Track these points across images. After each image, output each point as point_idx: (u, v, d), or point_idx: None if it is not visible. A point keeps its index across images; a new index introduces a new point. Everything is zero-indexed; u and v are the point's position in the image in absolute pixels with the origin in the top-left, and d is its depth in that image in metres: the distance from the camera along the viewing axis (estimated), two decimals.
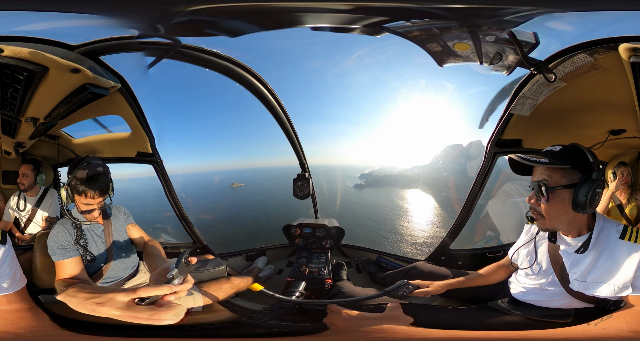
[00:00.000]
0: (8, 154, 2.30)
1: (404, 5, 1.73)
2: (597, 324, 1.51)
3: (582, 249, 1.50)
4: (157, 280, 1.41)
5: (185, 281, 1.26)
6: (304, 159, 2.63)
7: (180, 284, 1.24)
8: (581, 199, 1.43)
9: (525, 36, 1.82)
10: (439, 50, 1.96)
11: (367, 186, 2.95)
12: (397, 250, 2.54)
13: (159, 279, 1.39)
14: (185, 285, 1.25)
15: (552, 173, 1.46)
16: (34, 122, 2.04)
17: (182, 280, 1.26)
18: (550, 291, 1.63)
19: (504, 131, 2.17)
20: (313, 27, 1.91)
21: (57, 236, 1.77)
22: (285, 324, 1.89)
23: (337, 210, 2.77)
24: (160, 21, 1.84)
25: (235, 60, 2.20)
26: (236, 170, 2.86)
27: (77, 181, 1.75)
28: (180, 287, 1.23)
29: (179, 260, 1.27)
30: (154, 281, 1.45)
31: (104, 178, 1.79)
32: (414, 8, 1.73)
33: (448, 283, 1.89)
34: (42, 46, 1.73)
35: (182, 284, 1.24)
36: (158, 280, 1.40)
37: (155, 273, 1.50)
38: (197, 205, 2.61)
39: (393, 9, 1.75)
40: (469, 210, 2.28)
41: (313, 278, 2.20)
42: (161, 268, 1.49)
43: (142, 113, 2.31)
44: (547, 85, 1.99)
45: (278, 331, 1.87)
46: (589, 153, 1.48)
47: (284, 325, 1.88)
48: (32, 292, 1.72)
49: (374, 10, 1.76)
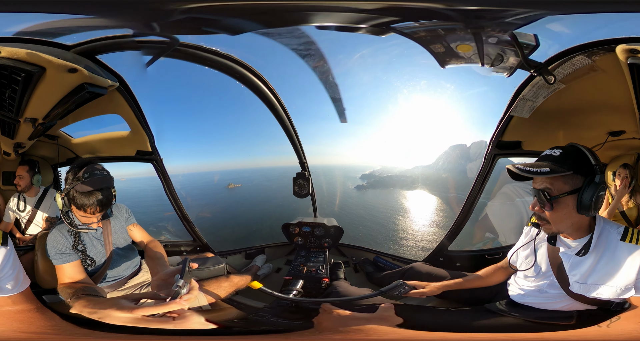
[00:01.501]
0: (8, 155, 2.30)
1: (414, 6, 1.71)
2: (609, 326, 1.49)
3: (583, 252, 1.49)
4: (159, 286, 1.45)
5: (191, 288, 1.31)
6: (304, 158, 2.63)
7: (187, 293, 1.29)
8: (586, 203, 1.40)
9: (526, 38, 1.80)
10: (441, 52, 1.94)
11: (369, 187, 2.92)
12: (397, 250, 2.55)
13: (162, 285, 1.43)
14: (193, 292, 1.30)
15: (554, 180, 1.43)
16: (32, 122, 2.04)
17: (189, 288, 1.30)
18: (550, 293, 1.62)
19: (504, 133, 2.17)
20: (318, 25, 1.89)
21: (54, 242, 1.74)
22: (279, 322, 1.90)
23: (337, 211, 2.77)
24: (156, 19, 1.81)
25: (236, 58, 2.18)
26: (235, 170, 2.83)
27: (76, 193, 1.62)
28: (188, 296, 1.28)
29: (183, 270, 1.32)
30: (156, 287, 1.47)
31: (105, 192, 1.66)
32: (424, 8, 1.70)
33: (444, 284, 1.87)
34: (38, 47, 1.72)
35: (189, 293, 1.29)
36: (161, 286, 1.44)
37: (157, 278, 1.51)
38: (192, 205, 2.61)
39: (403, 9, 1.73)
40: (468, 211, 2.29)
41: (310, 276, 2.21)
42: (163, 274, 1.51)
43: (141, 112, 2.31)
44: (547, 87, 1.98)
45: (271, 329, 1.88)
46: (590, 154, 1.44)
47: (279, 323, 1.89)
48: (35, 293, 1.70)
49: (383, 10, 1.74)
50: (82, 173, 1.64)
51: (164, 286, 1.42)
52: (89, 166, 1.68)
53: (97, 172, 1.66)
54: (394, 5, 1.72)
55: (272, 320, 1.91)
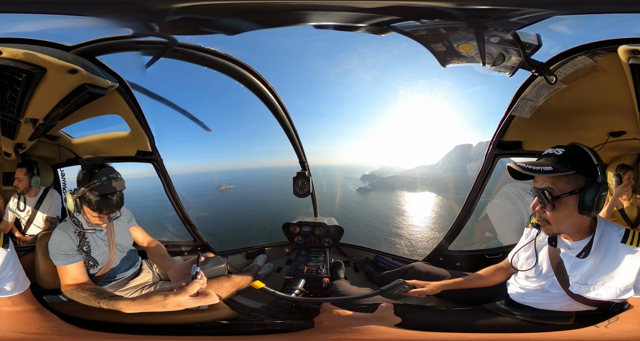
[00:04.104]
0: (8, 156, 2.31)
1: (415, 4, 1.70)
2: (607, 326, 1.50)
3: (584, 253, 1.48)
4: (177, 277, 1.75)
5: (202, 275, 1.56)
6: (304, 157, 2.62)
7: (202, 278, 1.55)
8: (588, 204, 1.40)
9: (528, 38, 1.79)
10: (443, 51, 1.93)
11: (370, 187, 2.88)
12: (397, 250, 2.55)
13: (179, 276, 1.74)
14: (204, 279, 1.55)
15: (556, 180, 1.42)
16: (33, 123, 2.04)
17: (202, 276, 1.55)
18: (550, 293, 1.62)
19: (504, 133, 2.17)
20: (317, 25, 1.88)
21: (59, 242, 1.75)
22: (279, 322, 1.91)
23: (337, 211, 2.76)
24: (153, 20, 1.81)
25: (235, 58, 2.17)
26: (229, 170, 2.80)
27: (92, 196, 1.68)
28: (204, 281, 1.55)
29: (197, 259, 1.63)
30: (175, 278, 1.77)
31: (120, 194, 1.74)
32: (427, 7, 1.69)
33: (444, 283, 1.87)
34: (38, 47, 1.71)
35: (202, 278, 1.55)
36: (179, 277, 1.74)
37: (174, 271, 1.80)
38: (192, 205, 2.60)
39: (405, 7, 1.72)
40: (468, 211, 2.29)
41: (311, 276, 2.22)
42: (178, 267, 1.81)
43: (141, 112, 2.30)
44: (548, 87, 1.98)
45: (272, 328, 1.89)
46: (592, 154, 1.44)
47: (279, 323, 1.90)
48: (36, 293, 1.72)
49: (383, 9, 1.73)
50: (100, 176, 1.69)
51: (182, 276, 1.71)
52: (105, 168, 1.74)
53: (113, 176, 1.72)
54: (394, 4, 1.71)
55: (272, 319, 1.92)
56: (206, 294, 1.52)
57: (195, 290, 1.49)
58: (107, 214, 1.74)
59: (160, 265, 2.03)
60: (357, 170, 2.90)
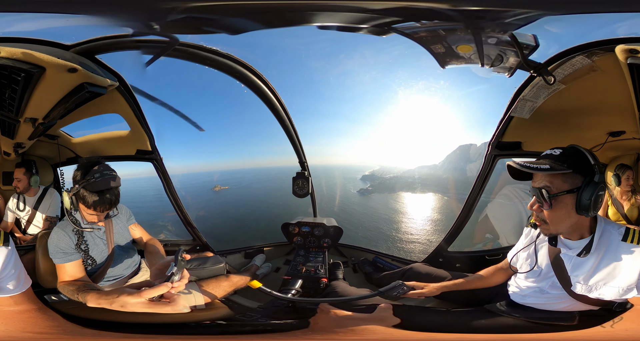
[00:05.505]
0: (8, 155, 2.31)
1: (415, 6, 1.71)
2: (613, 326, 1.50)
3: (584, 253, 1.49)
4: (156, 275, 1.61)
5: (182, 277, 1.44)
6: (304, 157, 2.62)
7: (179, 281, 1.42)
8: (585, 203, 1.41)
9: (525, 38, 1.80)
10: (442, 52, 1.95)
11: (371, 186, 2.87)
12: (396, 251, 2.54)
13: (159, 274, 1.59)
14: (183, 281, 1.44)
15: (553, 179, 1.44)
16: (32, 122, 2.04)
17: (181, 276, 1.43)
18: (552, 294, 1.62)
19: (504, 134, 2.17)
20: (319, 25, 1.89)
21: (57, 241, 1.76)
22: (276, 322, 1.91)
23: (337, 211, 2.75)
24: (155, 19, 1.81)
25: (236, 58, 2.18)
26: (231, 170, 2.79)
27: (87, 193, 1.67)
28: (179, 283, 1.42)
29: (176, 258, 1.46)
30: (154, 276, 1.65)
31: (115, 191, 1.73)
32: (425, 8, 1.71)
33: (443, 285, 1.87)
34: (37, 46, 1.72)
35: (180, 280, 1.43)
36: (158, 274, 1.60)
37: (155, 268, 1.68)
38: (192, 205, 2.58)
39: (406, 9, 1.73)
40: (467, 212, 2.29)
41: (309, 276, 2.21)
42: (160, 264, 1.68)
43: (140, 111, 2.31)
44: (547, 87, 1.98)
45: (268, 328, 1.89)
46: (590, 154, 1.46)
47: (275, 324, 1.90)
48: (37, 292, 1.73)
49: (384, 11, 1.74)
50: (94, 173, 1.68)
51: (160, 275, 1.57)
52: (99, 166, 1.73)
53: (107, 173, 1.71)
54: (395, 6, 1.72)
55: (269, 319, 1.92)
56: (170, 300, 1.37)
57: (156, 294, 1.35)
58: (103, 211, 1.73)
59: (149, 261, 1.96)
60: (357, 170, 2.89)
